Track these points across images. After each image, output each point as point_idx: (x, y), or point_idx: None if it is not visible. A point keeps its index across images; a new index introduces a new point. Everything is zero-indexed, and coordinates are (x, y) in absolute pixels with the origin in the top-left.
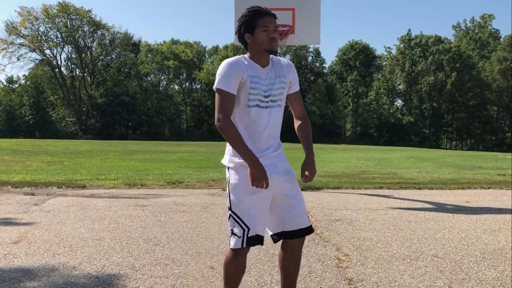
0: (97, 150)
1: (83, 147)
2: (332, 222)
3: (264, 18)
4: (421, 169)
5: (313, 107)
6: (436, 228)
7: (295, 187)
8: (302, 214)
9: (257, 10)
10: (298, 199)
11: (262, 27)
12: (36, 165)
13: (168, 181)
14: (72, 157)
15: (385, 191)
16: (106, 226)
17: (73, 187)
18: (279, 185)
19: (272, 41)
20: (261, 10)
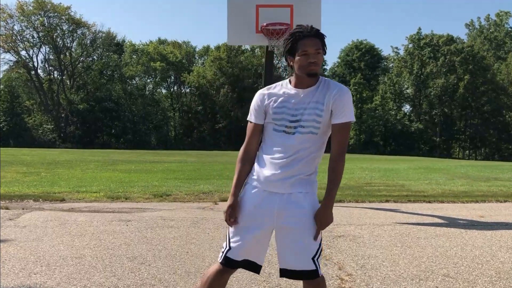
0: (77, 160)
1: (61, 157)
2: (334, 238)
3: (304, 40)
4: (431, 180)
5: None
6: (447, 245)
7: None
8: (296, 253)
9: (299, 32)
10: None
11: (302, 51)
12: (11, 176)
13: (155, 194)
14: (49, 168)
15: (391, 205)
16: (87, 243)
17: (51, 201)
18: (280, 219)
19: (311, 65)
20: (303, 31)
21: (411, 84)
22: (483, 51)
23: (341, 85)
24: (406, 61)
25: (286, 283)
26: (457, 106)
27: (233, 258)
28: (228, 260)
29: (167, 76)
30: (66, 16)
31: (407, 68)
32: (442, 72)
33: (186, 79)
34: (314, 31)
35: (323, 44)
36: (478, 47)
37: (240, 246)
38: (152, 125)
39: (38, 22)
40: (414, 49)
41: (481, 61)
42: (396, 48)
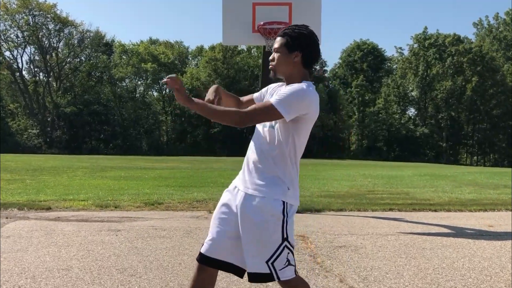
0: (64, 167)
1: (47, 163)
2: (335, 249)
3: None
4: (437, 188)
5: None
6: (454, 256)
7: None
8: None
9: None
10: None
11: None
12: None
13: (146, 202)
14: (35, 175)
15: (395, 214)
16: (74, 254)
17: (36, 209)
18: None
19: (270, 63)
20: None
21: (416, 87)
22: (492, 52)
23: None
24: (411, 62)
25: None
26: (465, 109)
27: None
28: (200, 256)
29: (159, 78)
30: (52, 15)
31: (412, 70)
32: (449, 74)
33: None
34: (282, 32)
35: (291, 41)
36: (487, 48)
37: (209, 240)
38: (143, 129)
39: (22, 21)
40: (419, 49)
41: (490, 62)
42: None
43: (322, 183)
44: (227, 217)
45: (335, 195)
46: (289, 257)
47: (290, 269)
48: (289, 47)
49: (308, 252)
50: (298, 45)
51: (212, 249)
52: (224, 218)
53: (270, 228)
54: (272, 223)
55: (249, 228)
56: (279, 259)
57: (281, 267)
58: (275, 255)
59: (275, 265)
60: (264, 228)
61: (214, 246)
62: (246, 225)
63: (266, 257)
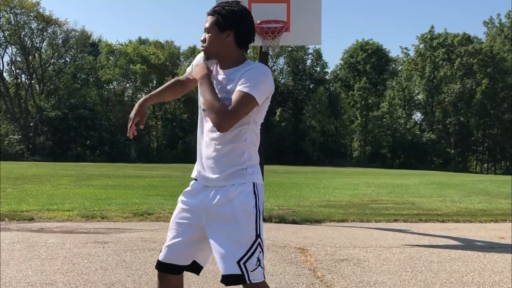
0: (48, 175)
1: (30, 171)
2: (336, 262)
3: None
4: (445, 197)
5: (312, 122)
6: (463, 270)
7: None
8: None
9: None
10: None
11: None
12: None
13: (135, 213)
14: (16, 183)
15: (401, 225)
16: (58, 267)
17: (18, 220)
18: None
19: (201, 45)
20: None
21: (423, 89)
22: (503, 52)
23: (261, 64)
24: (417, 64)
25: None
26: (474, 114)
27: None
28: (159, 263)
29: (149, 80)
30: (34, 13)
31: (418, 71)
32: (457, 76)
33: None
34: (212, 10)
35: (222, 20)
36: (498, 48)
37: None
38: None
39: (3, 19)
40: (426, 49)
41: (501, 63)
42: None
43: (322, 192)
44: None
45: (336, 205)
46: (260, 257)
47: (260, 271)
48: (220, 26)
49: (308, 265)
50: (229, 24)
51: (170, 254)
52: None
53: (242, 223)
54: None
55: (217, 227)
56: (251, 259)
57: (252, 268)
58: (247, 255)
59: (247, 265)
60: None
61: (171, 251)
62: (213, 223)
63: (237, 257)
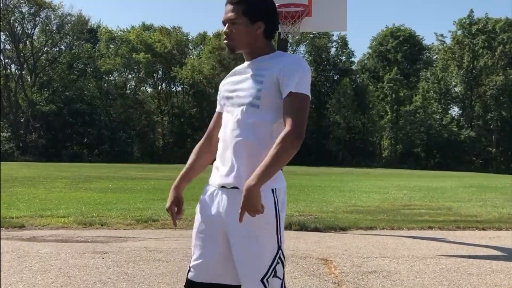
0: (41, 177)
1: (21, 172)
2: (364, 274)
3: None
4: (486, 202)
5: (336, 117)
6: (506, 283)
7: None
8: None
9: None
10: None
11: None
12: None
13: (138, 219)
14: (5, 186)
15: (436, 233)
16: (52, 280)
17: (7, 227)
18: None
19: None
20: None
21: (461, 81)
22: None
23: (295, 55)
24: (454, 52)
25: None
26: None
27: (192, 279)
28: (191, 284)
29: (154, 71)
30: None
31: (455, 61)
32: (499, 66)
33: (177, 75)
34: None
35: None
36: None
37: (198, 264)
38: (134, 132)
39: None
40: (464, 37)
41: None
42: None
43: (348, 196)
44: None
45: (364, 211)
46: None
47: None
48: (250, 17)
49: (332, 278)
50: (261, 14)
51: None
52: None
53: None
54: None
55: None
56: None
57: (277, 286)
58: (270, 270)
59: (270, 282)
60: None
61: (202, 269)
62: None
63: (261, 275)
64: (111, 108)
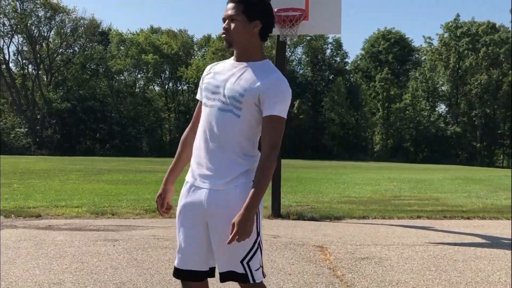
0: (56, 169)
1: (37, 165)
2: (357, 261)
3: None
4: (471, 193)
5: (331, 114)
6: (489, 269)
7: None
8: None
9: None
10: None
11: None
12: None
13: (147, 209)
14: (23, 178)
15: (424, 222)
16: (66, 266)
17: (24, 217)
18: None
19: (223, 33)
20: None
21: (447, 80)
22: None
23: (281, 75)
24: (441, 53)
25: None
26: (501, 106)
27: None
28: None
29: (161, 71)
30: (41, 1)
31: (442, 62)
32: (483, 66)
33: (183, 74)
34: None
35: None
36: None
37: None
38: (143, 128)
39: (9, 7)
40: (450, 39)
41: None
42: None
43: (342, 188)
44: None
45: (357, 201)
46: (260, 257)
47: (261, 271)
48: (248, 15)
49: (327, 264)
50: (258, 14)
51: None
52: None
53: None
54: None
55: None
56: (254, 258)
57: (256, 267)
58: (250, 253)
59: (250, 265)
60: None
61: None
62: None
63: (240, 256)
64: (121, 105)
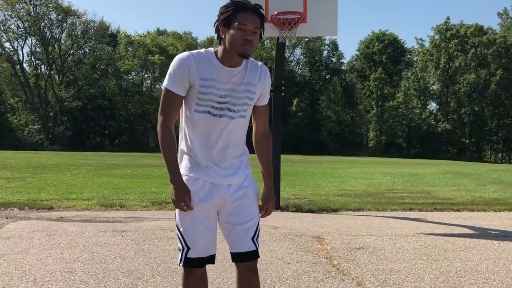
0: (67, 164)
1: (50, 160)
2: (352, 251)
3: (246, 13)
4: (460, 186)
5: (328, 112)
6: (478, 258)
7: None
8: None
9: (242, 2)
10: (242, 220)
11: (239, 24)
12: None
13: (153, 202)
14: (36, 172)
15: (416, 214)
16: (77, 256)
17: (37, 209)
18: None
19: (246, 44)
20: (247, 4)
21: (438, 80)
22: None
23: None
24: (432, 54)
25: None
26: (489, 104)
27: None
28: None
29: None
30: (54, 4)
31: (433, 62)
32: (472, 67)
33: None
34: (257, 8)
35: (262, 24)
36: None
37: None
38: (150, 125)
39: (23, 10)
40: (440, 40)
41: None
42: (421, 40)
43: (338, 182)
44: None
45: (353, 194)
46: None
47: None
48: (262, 29)
49: (324, 254)
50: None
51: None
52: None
53: (254, 203)
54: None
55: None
56: (258, 234)
57: (258, 242)
58: (257, 231)
59: (257, 240)
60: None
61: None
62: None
63: (251, 234)
64: (129, 103)
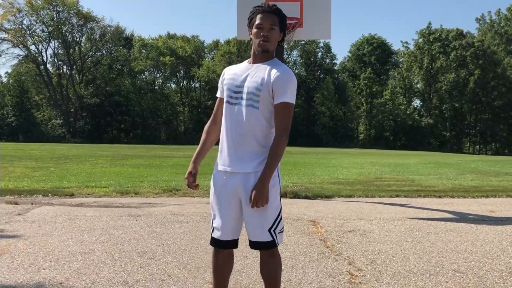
0: (87, 155)
1: (71, 152)
2: (344, 233)
3: (261, 15)
4: (441, 175)
5: (322, 108)
6: (457, 240)
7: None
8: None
9: (260, 6)
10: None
11: (257, 24)
12: (20, 171)
13: (164, 189)
14: (59, 163)
15: (402, 200)
16: (96, 238)
17: (60, 196)
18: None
19: (263, 40)
20: (263, 6)
21: (421, 79)
22: (493, 46)
23: (287, 68)
24: (416, 56)
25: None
26: (468, 101)
27: (217, 238)
28: (214, 241)
29: (177, 71)
30: (75, 10)
31: (417, 63)
32: (452, 67)
33: (195, 74)
34: (274, 8)
35: (281, 22)
36: (489, 42)
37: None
38: (161, 119)
39: (47, 16)
40: (424, 43)
41: (492, 55)
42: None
43: (332, 171)
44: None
45: (344, 182)
46: (282, 224)
47: (282, 235)
48: (280, 26)
49: (319, 236)
50: (284, 26)
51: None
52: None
53: (271, 197)
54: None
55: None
56: (278, 225)
57: (278, 232)
58: (276, 223)
59: (276, 232)
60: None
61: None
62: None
63: (268, 226)
64: (142, 100)
